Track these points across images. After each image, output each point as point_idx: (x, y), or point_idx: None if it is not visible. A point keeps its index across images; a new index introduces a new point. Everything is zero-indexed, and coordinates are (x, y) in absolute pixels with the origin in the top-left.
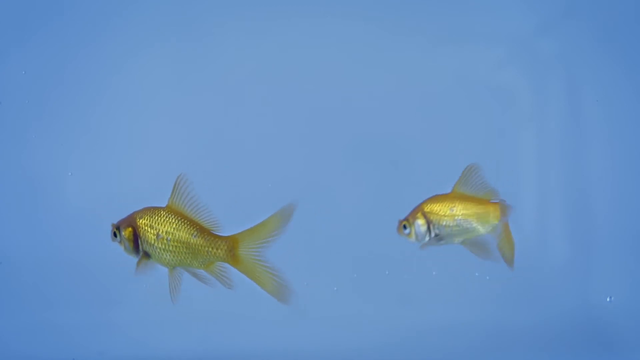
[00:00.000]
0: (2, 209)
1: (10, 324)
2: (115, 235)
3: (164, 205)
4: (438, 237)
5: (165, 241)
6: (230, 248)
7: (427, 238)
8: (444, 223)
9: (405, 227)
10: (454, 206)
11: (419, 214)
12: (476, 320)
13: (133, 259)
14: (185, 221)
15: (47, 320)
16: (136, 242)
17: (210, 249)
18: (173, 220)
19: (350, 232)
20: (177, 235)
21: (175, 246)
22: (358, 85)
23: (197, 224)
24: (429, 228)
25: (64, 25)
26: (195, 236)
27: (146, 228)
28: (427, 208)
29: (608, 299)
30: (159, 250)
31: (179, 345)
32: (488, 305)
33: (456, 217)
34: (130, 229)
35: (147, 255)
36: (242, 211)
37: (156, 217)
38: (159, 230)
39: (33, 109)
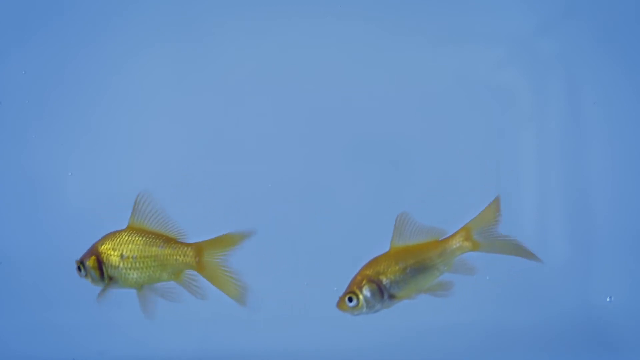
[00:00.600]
0: (2, 209)
1: (10, 324)
2: (79, 269)
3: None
4: (392, 297)
5: (130, 260)
6: (197, 254)
7: (377, 305)
8: (397, 279)
9: (350, 299)
10: (402, 259)
11: (364, 281)
12: (476, 320)
13: None
14: (149, 235)
15: (47, 320)
16: (102, 270)
17: (178, 257)
18: (136, 238)
19: (350, 232)
20: (144, 251)
21: (143, 262)
22: (358, 85)
23: (161, 235)
24: (381, 291)
25: (64, 25)
26: (162, 247)
27: (109, 252)
28: (370, 271)
29: (608, 299)
30: (124, 271)
31: (179, 345)
32: (488, 305)
33: (408, 269)
34: (93, 257)
35: (112, 281)
36: (242, 211)
37: (118, 239)
38: (123, 250)
39: (33, 109)
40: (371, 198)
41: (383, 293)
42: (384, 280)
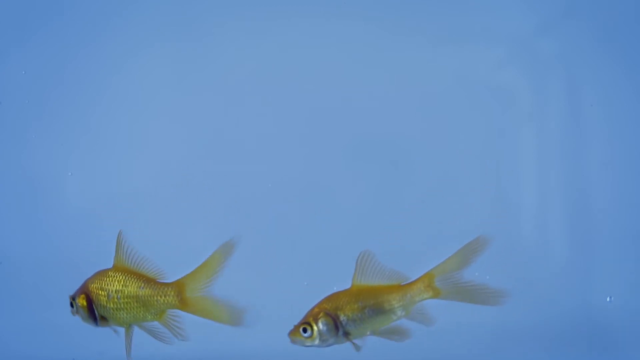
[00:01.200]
0: (2, 209)
1: (10, 324)
2: (72, 306)
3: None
4: (347, 334)
5: (116, 300)
6: (178, 293)
7: (331, 339)
8: (354, 317)
9: (305, 330)
10: (362, 298)
11: (322, 314)
12: (476, 320)
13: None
14: (132, 275)
15: (47, 320)
16: (91, 309)
17: (159, 297)
18: (120, 277)
19: (350, 232)
20: (127, 291)
21: (127, 302)
22: (358, 85)
23: (143, 276)
24: (336, 326)
25: (64, 25)
26: (143, 288)
27: (98, 292)
28: (329, 305)
29: (608, 299)
30: (112, 310)
31: (179, 345)
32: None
33: (366, 309)
34: (83, 295)
35: (105, 319)
36: (242, 211)
37: (105, 279)
38: (109, 290)
39: (33, 109)
40: (371, 198)
41: (338, 329)
42: (341, 317)
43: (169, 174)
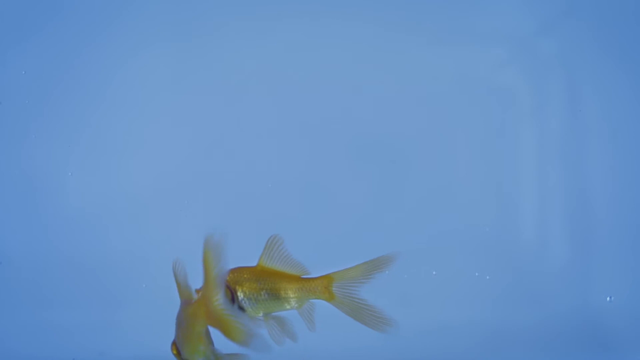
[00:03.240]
0: (2, 209)
1: (10, 324)
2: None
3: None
4: (240, 309)
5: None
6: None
7: None
8: (251, 295)
9: None
10: (263, 279)
11: None
12: (476, 320)
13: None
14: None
15: (47, 320)
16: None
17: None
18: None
19: (350, 231)
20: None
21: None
22: (358, 85)
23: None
24: (233, 300)
25: (64, 25)
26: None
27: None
28: (229, 278)
29: (608, 299)
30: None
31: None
32: (488, 305)
33: (264, 291)
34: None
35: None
36: (242, 211)
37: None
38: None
39: (33, 109)
40: (371, 198)
41: (234, 303)
42: (239, 292)
43: (168, 174)
